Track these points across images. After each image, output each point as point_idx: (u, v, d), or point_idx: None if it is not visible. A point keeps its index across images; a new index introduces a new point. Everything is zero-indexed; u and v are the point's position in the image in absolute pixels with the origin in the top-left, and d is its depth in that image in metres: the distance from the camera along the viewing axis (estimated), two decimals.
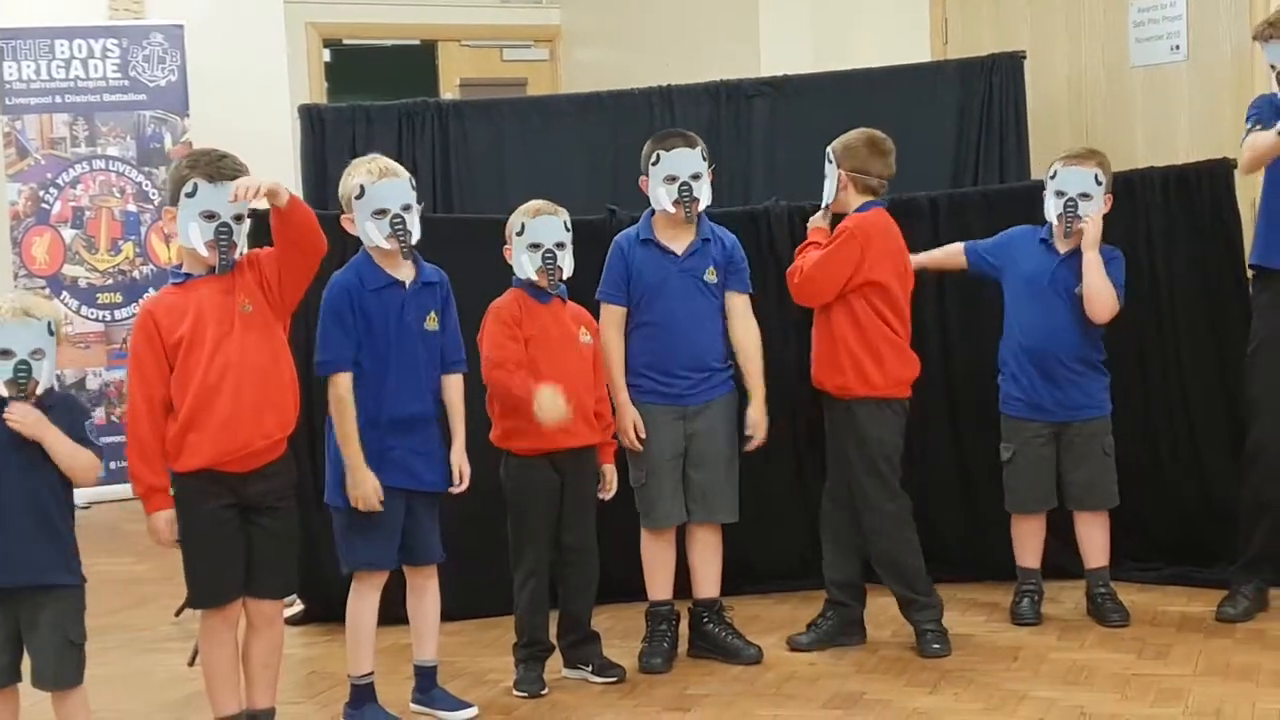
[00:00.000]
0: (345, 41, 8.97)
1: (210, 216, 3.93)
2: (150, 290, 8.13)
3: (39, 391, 3.72)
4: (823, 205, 4.98)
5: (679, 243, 4.81)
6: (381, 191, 4.26)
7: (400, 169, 4.35)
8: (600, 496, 4.70)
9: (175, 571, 6.10)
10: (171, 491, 3.95)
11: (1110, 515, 5.13)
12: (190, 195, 3.94)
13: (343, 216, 4.35)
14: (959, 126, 6.50)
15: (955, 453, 5.58)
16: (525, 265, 4.57)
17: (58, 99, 8.08)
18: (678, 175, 4.74)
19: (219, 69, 8.36)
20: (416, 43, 9.36)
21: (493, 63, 9.51)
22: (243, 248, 4.01)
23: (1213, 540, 5.33)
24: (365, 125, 6.44)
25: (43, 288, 7.75)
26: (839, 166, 4.90)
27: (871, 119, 5.03)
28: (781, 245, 5.36)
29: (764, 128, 6.64)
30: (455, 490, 4.39)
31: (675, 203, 4.74)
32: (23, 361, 3.68)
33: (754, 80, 6.77)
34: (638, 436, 4.74)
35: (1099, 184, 5.00)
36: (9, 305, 3.74)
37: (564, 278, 4.59)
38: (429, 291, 4.37)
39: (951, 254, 5.23)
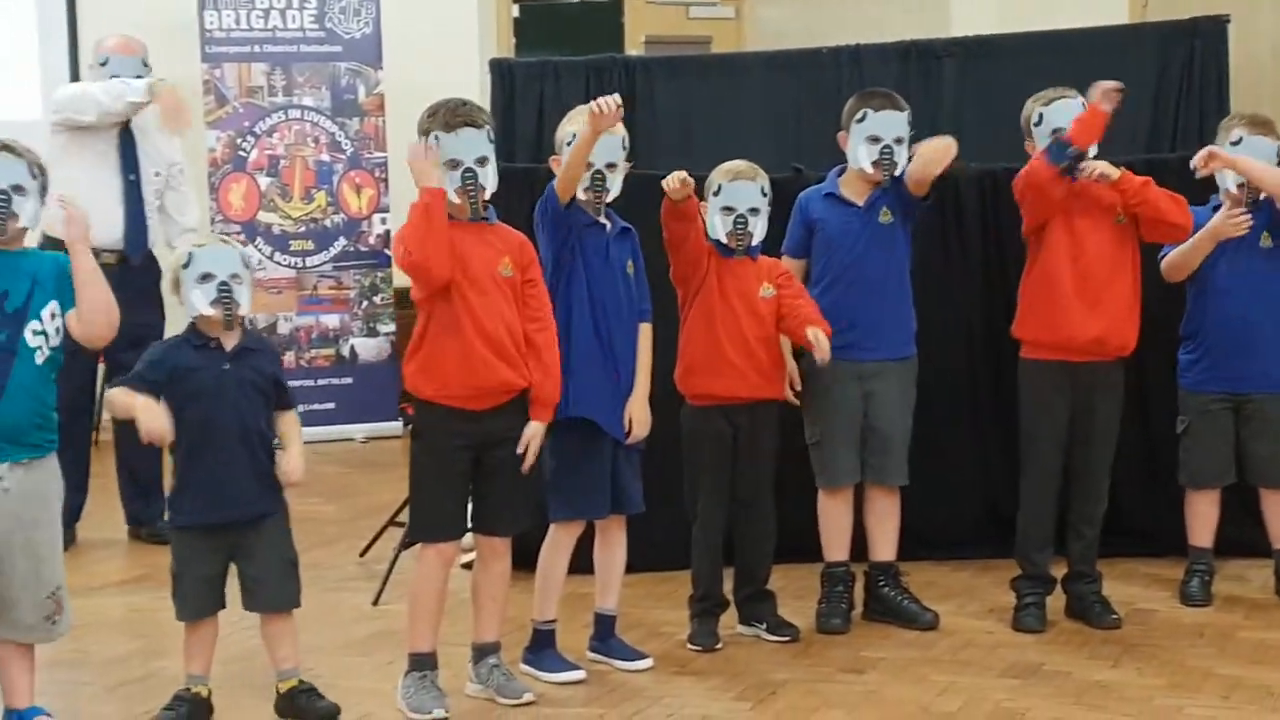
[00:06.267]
0: None
1: (455, 165, 4.04)
2: (341, 239, 8.31)
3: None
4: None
5: (861, 196, 4.83)
6: (602, 145, 4.27)
7: (619, 126, 4.36)
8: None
9: (361, 513, 6.34)
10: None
11: None
12: None
13: (552, 158, 4.43)
14: (1156, 92, 6.32)
15: (1139, 426, 5.45)
16: (717, 226, 4.60)
17: (255, 48, 8.25)
18: (881, 137, 4.72)
19: (412, 23, 8.50)
20: (603, 0, 9.38)
21: (678, 20, 9.51)
22: (491, 188, 4.11)
23: None
24: (554, 80, 6.47)
25: (238, 233, 7.91)
26: None
27: (1064, 82, 4.93)
28: (969, 208, 5.28)
29: (953, 89, 6.52)
30: (629, 442, 4.41)
31: (874, 164, 4.73)
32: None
33: (944, 40, 6.67)
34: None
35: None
36: None
37: (754, 243, 4.60)
38: (626, 238, 4.43)
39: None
